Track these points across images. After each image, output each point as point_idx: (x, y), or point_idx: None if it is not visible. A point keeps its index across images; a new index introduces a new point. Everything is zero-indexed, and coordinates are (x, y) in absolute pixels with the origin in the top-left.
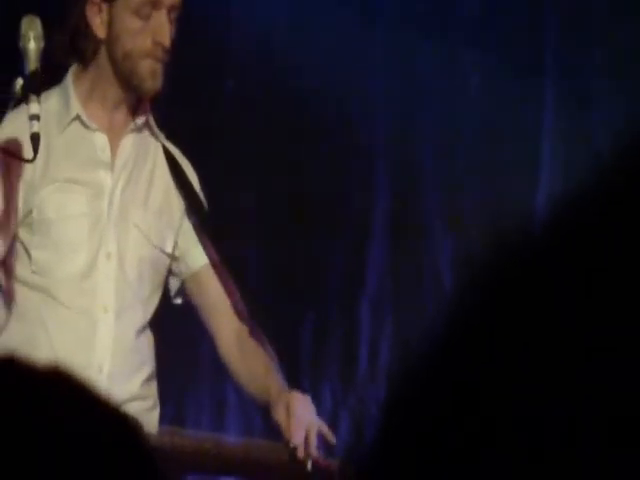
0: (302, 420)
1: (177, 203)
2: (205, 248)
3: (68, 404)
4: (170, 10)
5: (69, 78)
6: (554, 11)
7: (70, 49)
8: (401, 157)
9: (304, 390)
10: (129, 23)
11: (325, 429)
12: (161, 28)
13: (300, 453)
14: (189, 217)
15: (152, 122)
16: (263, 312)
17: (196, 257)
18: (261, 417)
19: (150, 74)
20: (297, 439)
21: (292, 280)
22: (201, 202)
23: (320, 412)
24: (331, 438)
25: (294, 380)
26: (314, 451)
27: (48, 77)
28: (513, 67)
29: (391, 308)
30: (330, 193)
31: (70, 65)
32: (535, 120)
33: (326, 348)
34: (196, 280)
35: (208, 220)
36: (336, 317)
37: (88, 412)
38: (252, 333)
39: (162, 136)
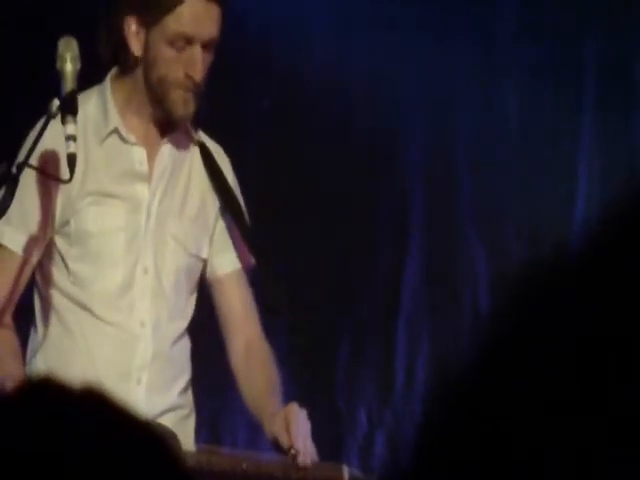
0: (302, 427)
1: (212, 204)
2: (237, 249)
3: (103, 424)
4: (205, 45)
5: (107, 82)
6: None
7: (110, 62)
8: (437, 174)
9: (340, 410)
10: (164, 52)
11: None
12: (193, 62)
13: (301, 460)
14: (224, 216)
15: (189, 126)
16: (299, 331)
17: (221, 263)
18: None
19: (181, 102)
20: (298, 444)
21: (329, 299)
22: (236, 199)
23: (356, 432)
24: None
25: (330, 400)
26: (310, 458)
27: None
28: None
29: (427, 327)
30: (366, 212)
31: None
32: (572, 135)
33: (362, 368)
34: (218, 286)
35: (243, 219)
36: (372, 337)
37: (123, 433)
38: (261, 346)
39: (201, 134)
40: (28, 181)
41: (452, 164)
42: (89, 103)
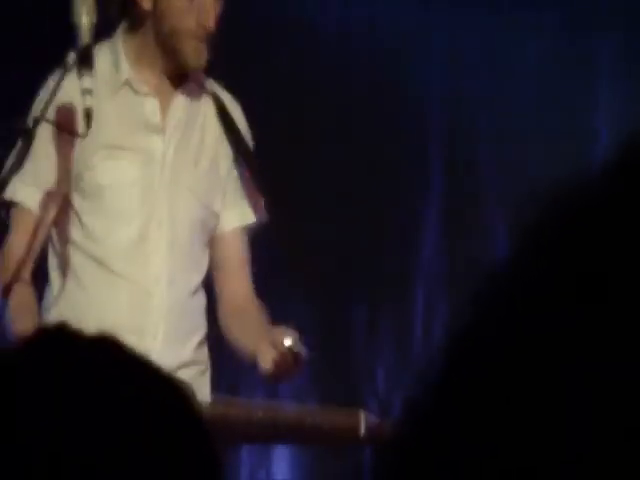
0: (276, 336)
1: (225, 154)
2: (249, 199)
3: (117, 370)
4: None
5: (119, 36)
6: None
7: (118, 17)
8: (456, 142)
9: (358, 372)
10: (175, 2)
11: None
12: (205, 10)
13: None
14: (236, 166)
15: (202, 78)
16: (317, 292)
17: (229, 218)
18: (311, 382)
19: (194, 53)
20: (284, 339)
21: (345, 262)
22: (248, 148)
23: (375, 394)
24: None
25: (348, 361)
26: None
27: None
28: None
29: (445, 291)
30: (385, 174)
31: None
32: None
33: (380, 330)
34: (222, 239)
35: (255, 167)
36: (390, 301)
37: (137, 378)
38: (252, 300)
39: (214, 85)
40: (43, 136)
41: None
42: (100, 57)
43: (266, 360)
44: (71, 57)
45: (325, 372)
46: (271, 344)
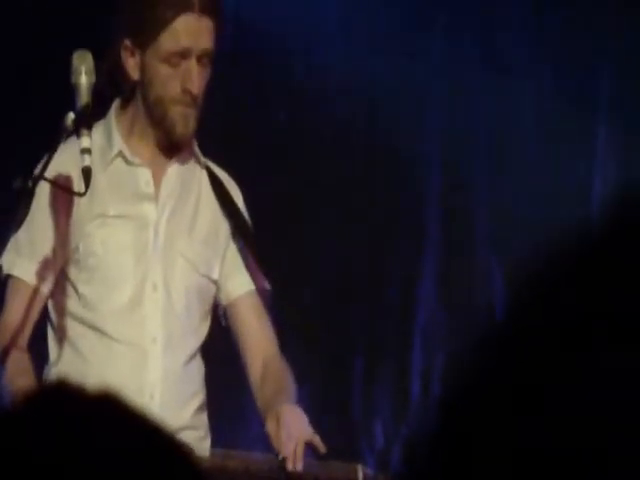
0: (291, 431)
1: (223, 228)
2: (250, 272)
3: (117, 426)
4: (200, 57)
5: (112, 113)
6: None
7: (109, 86)
8: (452, 188)
9: (356, 425)
10: (159, 70)
11: (316, 439)
12: (190, 76)
13: (290, 464)
14: (235, 240)
15: (196, 149)
16: (315, 347)
17: (235, 285)
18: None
19: (181, 119)
20: (286, 450)
21: (344, 313)
22: (247, 223)
23: (372, 447)
24: (322, 448)
25: (346, 414)
26: (300, 464)
27: (98, 111)
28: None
29: (442, 342)
30: (382, 227)
31: (114, 99)
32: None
33: (378, 383)
34: (234, 308)
35: (254, 242)
36: (388, 352)
37: (137, 433)
38: (278, 364)
39: (208, 160)
40: (41, 202)
41: (465, 180)
42: (95, 133)
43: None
44: (69, 117)
45: (322, 425)
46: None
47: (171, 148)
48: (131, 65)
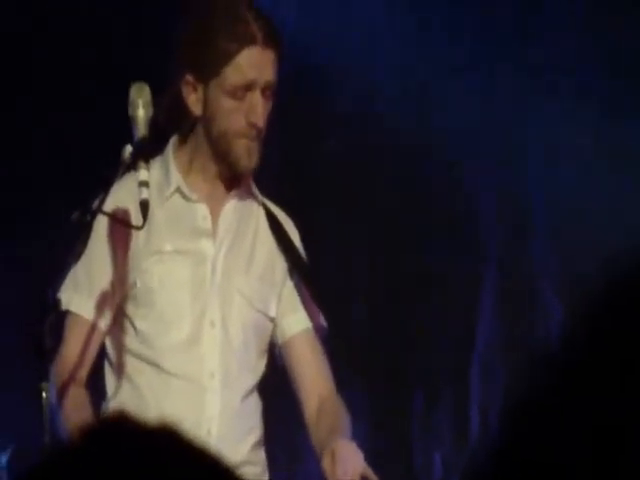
0: (347, 466)
1: (280, 264)
2: (307, 309)
3: (177, 458)
4: (264, 89)
5: (169, 149)
6: None
7: (169, 122)
8: (510, 221)
9: (416, 458)
10: (223, 103)
11: (370, 473)
12: (255, 109)
13: None
14: (292, 278)
15: (253, 186)
16: (375, 377)
17: (291, 323)
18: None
19: (245, 153)
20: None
21: (402, 347)
22: (303, 261)
23: (431, 478)
24: None
25: (406, 447)
26: None
27: (156, 144)
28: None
29: (502, 373)
30: (438, 260)
31: (171, 135)
32: None
33: (437, 415)
34: (290, 345)
35: (312, 279)
36: (447, 384)
37: (197, 466)
38: (334, 403)
39: (265, 198)
40: (98, 239)
41: (525, 213)
42: (152, 170)
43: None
44: (127, 150)
45: (383, 458)
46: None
47: (231, 183)
48: (193, 100)
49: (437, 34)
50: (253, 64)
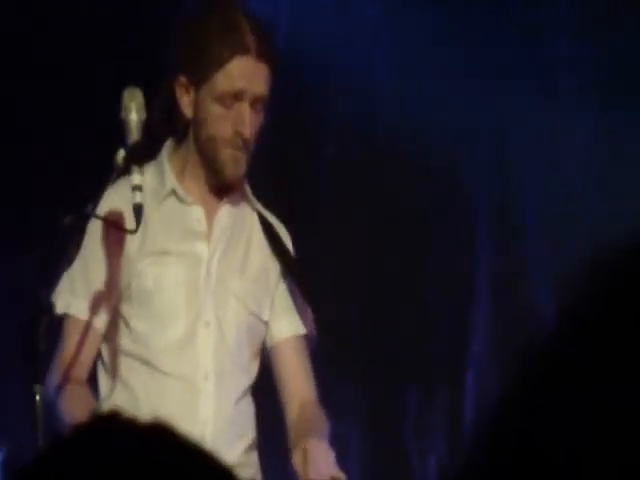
0: (320, 468)
1: (273, 269)
2: (299, 316)
3: (169, 454)
4: (254, 102)
5: (164, 152)
6: None
7: (161, 123)
8: (505, 220)
9: (409, 460)
10: (212, 109)
11: (341, 475)
12: (242, 119)
13: None
14: (284, 283)
15: (248, 191)
16: (368, 379)
17: (281, 328)
18: (361, 469)
19: (231, 161)
20: None
21: (396, 347)
22: (297, 267)
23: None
24: None
25: (400, 448)
26: None
27: (149, 149)
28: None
29: (496, 374)
30: (433, 257)
31: (166, 139)
32: None
33: (431, 416)
34: (277, 349)
35: (305, 284)
36: (441, 385)
37: (190, 462)
38: (315, 407)
39: (258, 204)
40: (92, 243)
41: (519, 212)
42: (146, 174)
43: (298, 470)
44: (120, 155)
45: (375, 458)
46: (312, 468)
47: (222, 189)
48: (185, 102)
49: (437, 34)
50: (243, 73)
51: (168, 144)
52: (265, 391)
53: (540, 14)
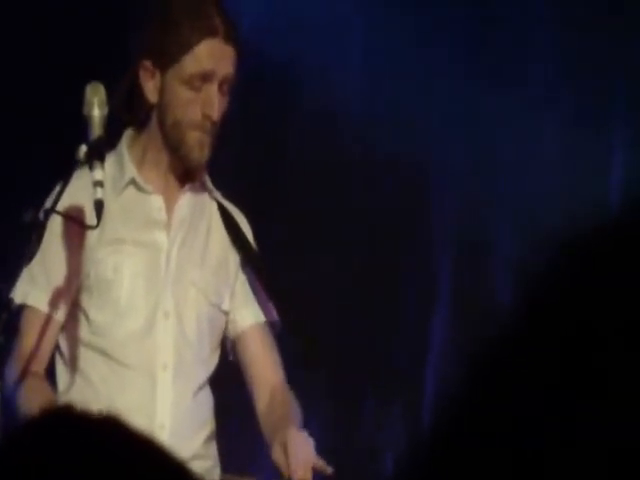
0: (300, 457)
1: (233, 259)
2: (260, 304)
3: (120, 448)
4: (222, 83)
5: (123, 142)
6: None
7: (123, 111)
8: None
9: (367, 457)
10: (180, 93)
11: (322, 464)
12: (211, 101)
13: None
14: (244, 272)
15: (207, 180)
16: (327, 381)
17: (243, 317)
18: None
19: (197, 145)
20: (296, 476)
21: (356, 345)
22: (257, 255)
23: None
24: (328, 470)
25: (357, 446)
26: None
27: (109, 142)
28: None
29: (456, 374)
30: (393, 267)
31: (125, 129)
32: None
33: (390, 419)
34: (242, 339)
35: (264, 274)
36: (399, 384)
37: (140, 456)
38: (285, 392)
39: (218, 193)
40: (53, 233)
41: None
42: (106, 163)
43: (285, 468)
44: (82, 150)
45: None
46: (292, 458)
47: (183, 176)
48: (150, 87)
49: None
50: (212, 55)
51: (128, 133)
52: (228, 383)
53: (524, 14)
